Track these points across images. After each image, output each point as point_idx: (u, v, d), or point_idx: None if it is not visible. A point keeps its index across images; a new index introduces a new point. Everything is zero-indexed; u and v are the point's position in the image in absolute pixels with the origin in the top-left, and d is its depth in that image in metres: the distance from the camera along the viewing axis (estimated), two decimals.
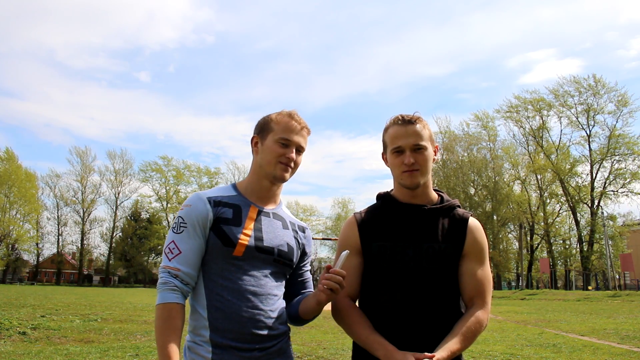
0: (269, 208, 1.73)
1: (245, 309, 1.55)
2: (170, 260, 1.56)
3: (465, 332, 1.54)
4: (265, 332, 1.58)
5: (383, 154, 1.75)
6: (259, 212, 1.69)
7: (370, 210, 1.76)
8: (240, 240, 1.59)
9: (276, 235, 1.68)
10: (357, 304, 1.72)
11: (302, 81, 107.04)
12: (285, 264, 1.70)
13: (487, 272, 1.66)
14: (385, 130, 1.72)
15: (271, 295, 1.63)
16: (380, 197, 1.77)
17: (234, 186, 1.74)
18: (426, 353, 1.47)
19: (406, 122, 1.65)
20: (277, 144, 1.66)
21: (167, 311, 1.50)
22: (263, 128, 1.72)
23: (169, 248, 1.58)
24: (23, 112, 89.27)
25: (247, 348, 1.54)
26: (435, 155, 1.71)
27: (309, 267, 1.87)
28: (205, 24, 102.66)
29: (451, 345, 1.51)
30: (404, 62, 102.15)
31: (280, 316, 1.65)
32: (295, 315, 1.72)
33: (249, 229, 1.63)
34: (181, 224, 1.60)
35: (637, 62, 75.34)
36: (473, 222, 1.69)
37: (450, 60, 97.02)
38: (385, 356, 1.49)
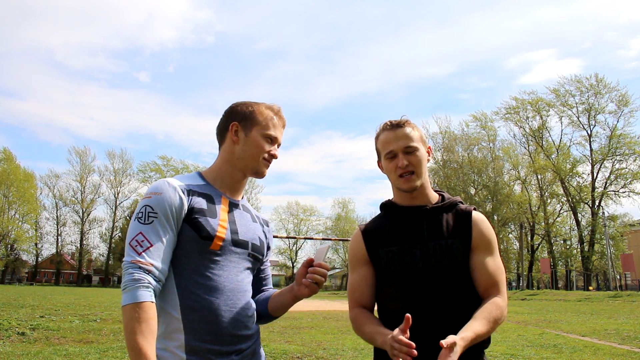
0: (238, 200, 1.64)
1: (225, 308, 1.45)
2: (139, 254, 1.35)
3: (487, 317, 1.50)
4: (243, 332, 1.49)
5: (378, 162, 1.77)
6: (231, 204, 1.59)
7: (375, 219, 1.78)
8: (217, 233, 1.47)
9: (248, 229, 1.60)
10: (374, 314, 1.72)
11: (302, 81, 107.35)
12: (257, 259, 1.62)
13: (498, 263, 1.64)
14: (377, 137, 1.74)
15: (247, 292, 1.55)
16: (382, 206, 1.79)
17: (200, 175, 1.62)
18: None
19: (395, 127, 1.67)
20: (264, 139, 1.60)
21: (143, 312, 1.29)
22: (247, 117, 1.61)
23: (137, 240, 1.38)
24: (22, 112, 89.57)
25: (225, 352, 1.44)
26: (429, 156, 1.72)
27: (269, 263, 1.80)
28: (205, 24, 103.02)
29: (475, 326, 1.46)
30: (403, 62, 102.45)
31: (253, 315, 1.57)
32: (264, 312, 1.65)
33: (224, 221, 1.52)
34: (150, 214, 1.41)
35: (637, 62, 75.48)
36: (477, 215, 1.68)
37: (450, 60, 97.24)
38: (383, 342, 1.46)
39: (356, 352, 7.33)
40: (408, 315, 1.35)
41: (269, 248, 1.74)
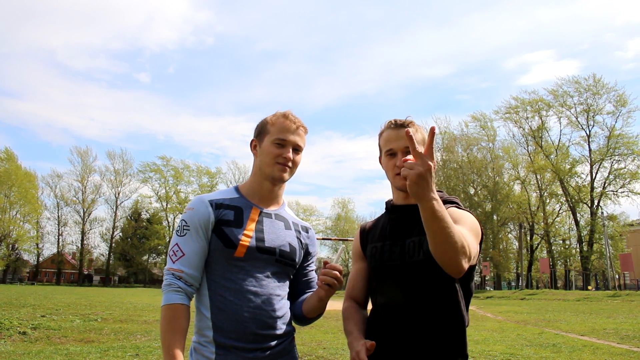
0: (271, 209, 1.76)
1: (247, 309, 1.57)
2: (174, 263, 1.60)
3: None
4: (267, 332, 1.60)
5: (379, 158, 1.82)
6: (261, 213, 1.71)
7: (377, 218, 1.87)
8: (241, 242, 1.61)
9: (278, 236, 1.70)
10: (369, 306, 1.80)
11: (301, 82, 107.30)
12: (287, 264, 1.71)
13: (465, 231, 1.47)
14: (380, 134, 1.78)
15: (273, 295, 1.65)
16: (386, 204, 1.85)
17: (237, 189, 1.77)
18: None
19: (398, 126, 1.71)
20: (274, 145, 1.68)
21: (171, 312, 1.53)
22: (261, 131, 1.74)
23: (173, 251, 1.62)
24: (24, 112, 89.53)
25: (250, 348, 1.56)
26: None
27: (314, 267, 1.90)
28: (205, 25, 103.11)
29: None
30: (403, 63, 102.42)
31: (283, 316, 1.66)
32: (300, 314, 1.76)
33: (250, 230, 1.65)
34: (184, 227, 1.63)
35: (634, 63, 75.46)
36: (455, 208, 1.64)
37: (449, 61, 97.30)
38: (349, 345, 1.60)
39: None
40: (373, 342, 1.44)
41: (308, 253, 1.84)
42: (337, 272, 1.56)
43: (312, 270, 1.87)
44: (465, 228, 1.52)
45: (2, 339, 8.17)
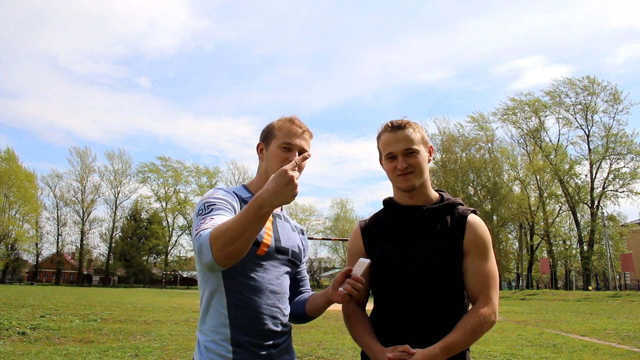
0: (277, 211, 1.80)
1: (265, 307, 1.61)
2: (205, 223, 1.45)
3: (464, 325, 1.54)
4: (279, 328, 1.64)
5: (380, 160, 1.79)
6: (273, 215, 1.75)
7: (375, 216, 1.82)
8: (264, 240, 1.64)
9: (289, 237, 1.76)
10: (368, 307, 1.78)
11: (299, 86, 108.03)
12: (295, 264, 1.78)
13: (490, 268, 1.64)
14: (378, 137, 1.76)
15: (285, 294, 1.71)
16: (384, 202, 1.82)
17: (245, 187, 1.79)
18: (406, 346, 1.50)
19: (396, 128, 1.69)
20: (280, 149, 1.71)
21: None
22: (267, 135, 1.77)
23: (204, 219, 1.47)
24: (26, 115, 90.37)
25: (265, 345, 1.59)
26: (430, 156, 1.74)
27: (306, 266, 1.96)
28: (204, 32, 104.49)
29: (447, 337, 1.52)
30: (398, 68, 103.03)
31: (288, 314, 1.73)
32: (302, 313, 1.80)
33: (268, 229, 1.68)
34: (210, 204, 1.54)
35: (624, 69, 75.94)
36: (473, 218, 1.68)
37: (444, 66, 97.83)
38: (369, 353, 1.60)
39: (356, 352, 7.35)
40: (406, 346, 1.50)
41: (305, 254, 1.90)
42: (361, 285, 1.56)
43: (305, 269, 1.93)
44: (489, 263, 1.64)
45: (2, 340, 8.14)
